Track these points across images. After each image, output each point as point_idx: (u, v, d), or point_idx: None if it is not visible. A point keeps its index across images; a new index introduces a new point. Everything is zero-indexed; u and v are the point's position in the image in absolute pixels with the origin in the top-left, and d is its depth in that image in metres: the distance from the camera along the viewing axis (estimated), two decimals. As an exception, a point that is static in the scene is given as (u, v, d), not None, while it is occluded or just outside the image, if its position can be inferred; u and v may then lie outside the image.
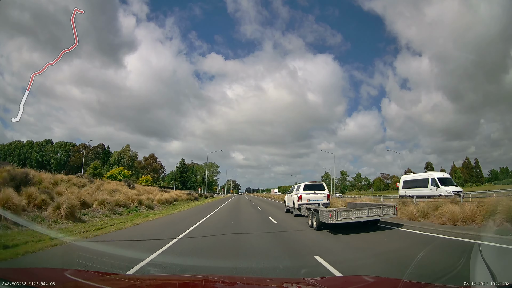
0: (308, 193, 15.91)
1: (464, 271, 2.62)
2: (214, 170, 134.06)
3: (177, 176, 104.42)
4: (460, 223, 9.37)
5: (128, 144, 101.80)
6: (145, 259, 5.49)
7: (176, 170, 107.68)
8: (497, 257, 2.85)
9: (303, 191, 16.06)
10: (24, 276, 2.61)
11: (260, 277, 3.91)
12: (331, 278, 3.54)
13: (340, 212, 9.54)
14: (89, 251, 6.22)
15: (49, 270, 3.44)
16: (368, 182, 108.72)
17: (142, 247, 7.06)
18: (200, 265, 5.37)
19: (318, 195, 15.87)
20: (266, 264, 5.25)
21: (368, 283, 2.83)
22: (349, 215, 9.62)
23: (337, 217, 9.32)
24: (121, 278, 3.22)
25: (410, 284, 2.60)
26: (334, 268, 4.67)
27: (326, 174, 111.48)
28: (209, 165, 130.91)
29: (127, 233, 9.65)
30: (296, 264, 5.28)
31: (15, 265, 4.99)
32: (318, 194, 15.93)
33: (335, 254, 6.47)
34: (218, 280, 3.08)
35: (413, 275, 3.54)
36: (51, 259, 5.57)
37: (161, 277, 3.58)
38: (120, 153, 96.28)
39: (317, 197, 15.72)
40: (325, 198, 15.94)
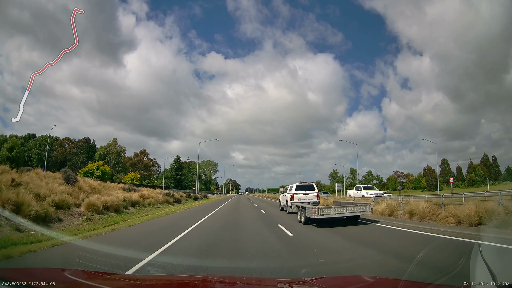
0: (299, 193, 17.14)
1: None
2: (212, 169, 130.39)
3: (171, 174, 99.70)
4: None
5: (115, 138, 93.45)
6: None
7: (171, 168, 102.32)
8: (497, 257, 2.96)
9: (295, 191, 17.35)
10: (24, 276, 2.55)
11: (260, 277, 3.93)
12: (331, 278, 3.60)
13: (322, 209, 11.16)
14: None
15: (49, 270, 3.35)
16: (380, 180, 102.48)
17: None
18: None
19: (308, 195, 17.06)
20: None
21: (368, 283, 2.89)
22: (330, 212, 11.24)
23: (320, 213, 10.94)
24: (121, 278, 3.19)
25: (410, 284, 2.67)
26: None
27: (334, 172, 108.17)
28: (207, 163, 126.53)
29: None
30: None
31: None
32: (309, 194, 17.15)
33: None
34: (218, 280, 3.09)
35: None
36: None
37: (161, 277, 3.55)
38: (106, 148, 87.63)
39: (307, 196, 16.90)
40: (315, 197, 17.13)
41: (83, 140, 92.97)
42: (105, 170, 57.72)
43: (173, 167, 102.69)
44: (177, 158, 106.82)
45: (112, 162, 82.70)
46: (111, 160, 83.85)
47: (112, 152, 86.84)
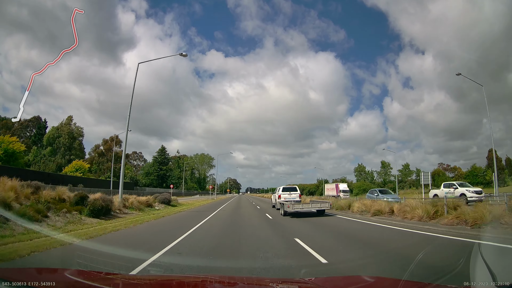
0: (285, 193, 20.68)
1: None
2: (207, 164, 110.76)
3: (155, 168, 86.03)
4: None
5: (70, 116, 70.29)
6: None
7: (153, 161, 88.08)
8: (497, 257, 2.96)
9: (281, 192, 21.11)
10: (24, 276, 2.56)
11: (259, 277, 3.95)
12: (331, 278, 3.61)
13: (294, 205, 15.84)
14: None
15: (49, 270, 3.36)
16: (418, 175, 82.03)
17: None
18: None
19: (292, 195, 20.36)
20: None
21: (368, 283, 2.91)
22: (299, 207, 15.92)
23: (292, 208, 15.57)
24: (121, 278, 3.19)
25: (410, 284, 2.68)
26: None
27: (360, 167, 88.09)
28: (200, 157, 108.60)
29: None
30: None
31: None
32: (292, 194, 20.50)
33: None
34: (218, 280, 3.10)
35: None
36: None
37: (161, 277, 3.56)
38: (58, 129, 66.03)
39: (291, 196, 20.15)
40: (297, 197, 20.51)
41: (32, 119, 71.55)
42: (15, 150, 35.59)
43: (156, 160, 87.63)
44: (161, 149, 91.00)
45: (63, 148, 63.44)
46: (63, 145, 63.67)
47: (63, 133, 65.01)
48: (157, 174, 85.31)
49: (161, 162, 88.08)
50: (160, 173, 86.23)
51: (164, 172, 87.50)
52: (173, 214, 19.25)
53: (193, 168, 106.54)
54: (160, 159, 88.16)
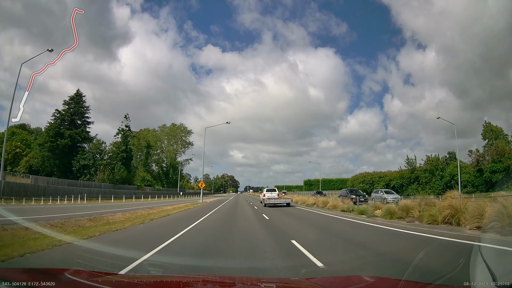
0: (268, 193, 30.13)
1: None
2: (182, 143, 69.80)
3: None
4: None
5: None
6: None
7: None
8: (496, 258, 2.99)
9: (266, 191, 31.01)
10: (24, 276, 2.56)
11: (259, 277, 3.99)
12: (331, 278, 3.66)
13: (269, 200, 27.12)
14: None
15: (49, 270, 3.37)
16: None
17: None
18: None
19: (273, 194, 29.79)
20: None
21: (368, 283, 2.95)
22: (271, 201, 26.61)
23: (268, 202, 26.56)
24: (121, 278, 3.21)
25: (410, 284, 2.72)
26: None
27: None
28: (170, 129, 67.07)
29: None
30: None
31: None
32: (273, 193, 29.97)
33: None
34: (218, 280, 3.13)
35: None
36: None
37: (161, 277, 3.57)
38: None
39: (272, 195, 29.44)
40: (276, 195, 29.53)
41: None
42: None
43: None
44: (75, 96, 50.80)
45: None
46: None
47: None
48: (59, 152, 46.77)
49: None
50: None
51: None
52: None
53: (152, 146, 66.05)
54: (68, 115, 46.86)
